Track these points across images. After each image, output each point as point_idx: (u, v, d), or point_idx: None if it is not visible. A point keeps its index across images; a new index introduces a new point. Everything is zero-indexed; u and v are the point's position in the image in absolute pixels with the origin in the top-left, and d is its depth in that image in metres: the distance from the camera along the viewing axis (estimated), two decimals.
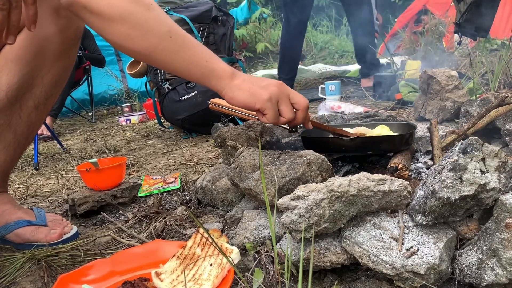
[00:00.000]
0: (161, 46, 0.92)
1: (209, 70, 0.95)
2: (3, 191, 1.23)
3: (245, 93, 0.94)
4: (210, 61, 0.95)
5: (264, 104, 0.93)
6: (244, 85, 0.94)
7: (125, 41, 0.92)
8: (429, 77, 1.50)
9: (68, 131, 3.44)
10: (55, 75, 1.14)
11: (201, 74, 0.95)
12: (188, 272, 0.86)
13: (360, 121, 1.49)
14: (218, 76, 0.95)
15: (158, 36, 0.92)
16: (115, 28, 0.90)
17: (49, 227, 1.18)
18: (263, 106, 0.93)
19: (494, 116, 1.18)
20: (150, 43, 0.92)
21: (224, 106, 1.24)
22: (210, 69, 0.95)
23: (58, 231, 1.17)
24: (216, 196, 1.25)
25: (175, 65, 0.95)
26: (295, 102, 0.97)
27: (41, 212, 1.22)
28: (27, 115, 1.13)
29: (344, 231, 0.84)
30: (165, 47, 0.92)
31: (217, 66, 0.95)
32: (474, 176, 0.75)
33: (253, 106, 0.94)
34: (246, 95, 0.94)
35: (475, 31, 1.74)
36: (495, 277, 0.71)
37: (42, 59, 1.10)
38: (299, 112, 0.98)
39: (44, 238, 1.15)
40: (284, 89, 0.96)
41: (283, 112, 0.96)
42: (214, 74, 0.95)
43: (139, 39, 0.91)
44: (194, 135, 2.52)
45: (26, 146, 1.22)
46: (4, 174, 1.21)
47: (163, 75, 2.48)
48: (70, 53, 1.15)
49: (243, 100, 0.94)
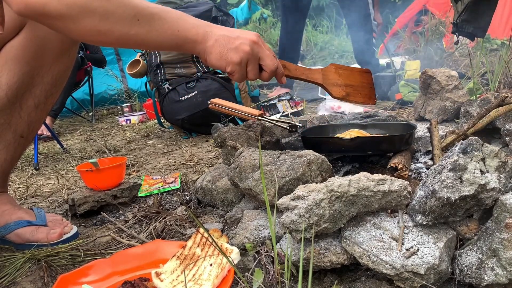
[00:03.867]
0: (132, 31, 0.91)
1: (182, 40, 0.96)
2: (3, 191, 1.23)
3: (216, 56, 0.98)
4: (181, 30, 0.96)
5: (233, 67, 0.98)
6: (215, 49, 0.97)
7: (96, 37, 0.91)
8: (429, 77, 1.50)
9: (68, 131, 3.44)
10: (55, 74, 1.14)
11: (175, 45, 0.97)
12: (188, 272, 0.86)
13: (360, 121, 1.49)
14: (192, 42, 0.97)
15: (126, 23, 0.91)
16: (81, 26, 0.87)
17: (49, 227, 1.18)
18: (232, 69, 0.99)
19: (494, 116, 1.18)
20: (120, 32, 0.91)
21: (224, 106, 1.24)
22: (183, 38, 0.96)
23: (58, 231, 1.17)
24: (216, 196, 1.25)
25: (149, 44, 0.97)
26: (264, 64, 1.02)
27: (41, 212, 1.22)
28: (27, 114, 1.13)
29: (344, 231, 0.84)
30: (137, 31, 0.92)
31: (189, 33, 0.97)
32: (474, 176, 0.75)
33: (223, 68, 1.00)
34: (217, 57, 0.98)
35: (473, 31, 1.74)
36: (495, 277, 0.71)
37: (42, 58, 1.10)
38: (264, 73, 1.04)
39: (44, 238, 1.15)
40: (256, 50, 1.00)
41: (249, 73, 1.02)
42: (187, 42, 0.97)
43: (109, 31, 0.90)
44: (194, 135, 2.52)
45: (26, 145, 1.22)
46: (4, 174, 1.21)
47: (163, 75, 2.48)
48: (70, 52, 1.15)
49: (215, 62, 0.99)
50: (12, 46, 1.05)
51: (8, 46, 1.06)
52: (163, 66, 2.47)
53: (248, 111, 1.26)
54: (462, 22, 1.68)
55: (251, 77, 1.02)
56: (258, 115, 1.25)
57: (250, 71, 1.01)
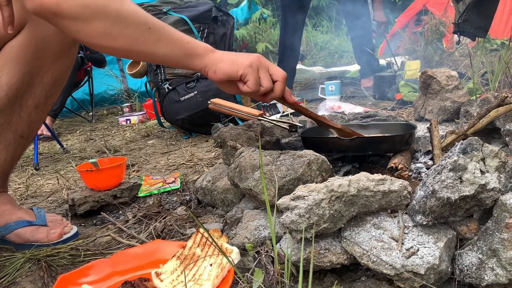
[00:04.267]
0: (142, 38, 0.91)
1: (192, 50, 0.97)
2: (3, 191, 1.23)
3: (227, 63, 0.97)
4: (190, 42, 0.98)
5: (246, 69, 0.96)
6: (225, 56, 0.99)
7: (105, 40, 0.90)
8: (429, 77, 1.50)
9: (68, 131, 3.44)
10: (55, 74, 1.14)
11: (183, 55, 0.97)
12: (188, 272, 0.86)
13: (360, 121, 1.49)
14: (201, 54, 0.98)
15: (138, 29, 0.91)
16: (92, 28, 0.87)
17: (49, 227, 1.18)
18: (245, 72, 0.97)
19: (494, 116, 1.18)
20: (130, 38, 0.91)
21: (224, 106, 1.24)
22: (192, 49, 0.97)
23: (58, 231, 1.17)
24: (216, 196, 1.25)
25: (154, 54, 0.96)
26: (273, 73, 1.01)
27: (41, 212, 1.22)
28: (27, 114, 1.13)
29: (344, 231, 0.84)
30: (146, 39, 0.92)
31: (198, 44, 0.98)
32: (474, 176, 0.75)
33: (235, 74, 0.98)
34: (228, 64, 0.97)
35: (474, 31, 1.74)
36: (495, 277, 0.71)
37: (42, 58, 1.10)
38: (278, 83, 1.02)
39: (45, 238, 1.15)
40: (264, 60, 1.00)
41: (262, 80, 0.99)
42: (197, 52, 0.97)
43: (120, 35, 0.89)
44: (194, 135, 2.52)
45: (26, 145, 1.22)
46: (4, 173, 1.21)
47: (163, 75, 2.48)
48: (70, 53, 1.15)
49: (226, 69, 0.97)
50: (13, 46, 1.05)
51: (8, 46, 1.06)
52: (163, 66, 2.47)
53: (248, 111, 1.26)
54: (463, 22, 1.68)
55: (264, 83, 0.99)
56: (258, 115, 1.25)
57: (262, 78, 0.99)
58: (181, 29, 2.41)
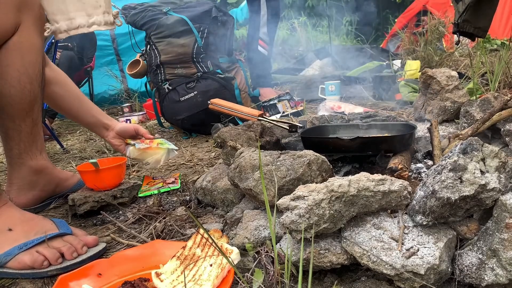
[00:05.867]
0: None
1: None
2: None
3: None
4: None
5: None
6: None
7: None
8: (429, 77, 1.50)
9: (68, 131, 3.44)
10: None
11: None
12: (188, 272, 0.86)
13: (360, 121, 1.49)
14: None
15: None
16: None
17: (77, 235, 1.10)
18: None
19: (496, 120, 1.18)
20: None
21: (224, 106, 1.24)
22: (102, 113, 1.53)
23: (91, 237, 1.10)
24: (216, 196, 1.25)
25: None
26: None
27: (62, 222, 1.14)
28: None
29: (344, 231, 0.84)
30: None
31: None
32: (474, 177, 0.75)
33: None
34: None
35: (474, 31, 1.74)
36: (495, 277, 0.71)
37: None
38: None
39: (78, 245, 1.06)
40: None
41: None
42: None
43: None
44: (194, 135, 2.52)
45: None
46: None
47: (163, 76, 2.48)
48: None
49: None
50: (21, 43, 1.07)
51: (16, 41, 1.07)
52: (163, 66, 2.47)
53: (248, 111, 1.26)
54: (463, 22, 1.68)
55: None
56: (258, 115, 1.25)
57: None
58: (181, 29, 2.42)
